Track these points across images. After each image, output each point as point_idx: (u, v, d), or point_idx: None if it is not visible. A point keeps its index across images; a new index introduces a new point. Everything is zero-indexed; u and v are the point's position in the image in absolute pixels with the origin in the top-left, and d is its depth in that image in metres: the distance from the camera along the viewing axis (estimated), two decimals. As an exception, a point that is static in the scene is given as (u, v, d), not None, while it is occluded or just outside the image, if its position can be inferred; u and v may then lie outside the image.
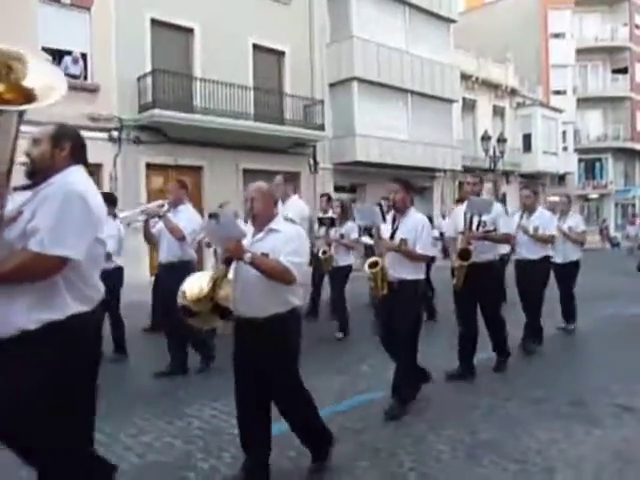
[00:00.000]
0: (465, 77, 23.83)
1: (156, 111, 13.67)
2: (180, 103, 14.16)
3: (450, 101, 22.08)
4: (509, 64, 27.30)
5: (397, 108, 20.02)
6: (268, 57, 17.08)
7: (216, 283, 3.08)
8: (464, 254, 5.28)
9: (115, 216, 6.26)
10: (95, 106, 13.44)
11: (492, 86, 26.07)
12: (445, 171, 22.48)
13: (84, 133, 11.05)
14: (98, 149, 13.36)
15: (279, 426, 3.49)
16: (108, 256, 5.65)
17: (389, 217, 4.72)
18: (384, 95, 19.36)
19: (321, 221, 8.01)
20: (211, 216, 5.83)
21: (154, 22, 14.43)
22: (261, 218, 3.24)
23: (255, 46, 16.52)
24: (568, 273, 7.48)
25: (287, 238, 3.14)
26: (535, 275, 6.53)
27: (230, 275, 3.17)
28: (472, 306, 5.46)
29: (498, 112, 26.88)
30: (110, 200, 5.95)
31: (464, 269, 5.27)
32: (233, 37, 15.69)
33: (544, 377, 5.52)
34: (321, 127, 17.40)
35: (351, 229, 7.68)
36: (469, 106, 24.96)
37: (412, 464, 3.60)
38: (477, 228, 5.38)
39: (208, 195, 15.12)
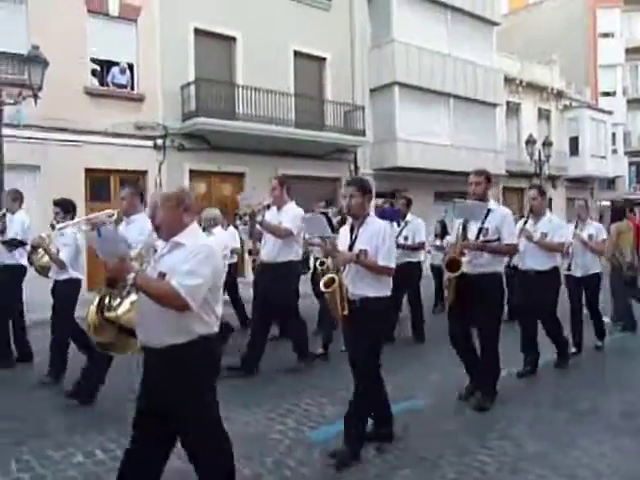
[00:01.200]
0: (509, 80, 23.40)
1: (199, 119, 13.91)
2: (222, 111, 14.36)
3: (493, 105, 21.71)
4: (555, 66, 26.66)
5: (439, 112, 19.82)
6: (309, 63, 17.17)
7: (100, 305, 2.78)
8: (451, 265, 4.64)
9: (53, 227, 5.55)
10: (141, 115, 13.77)
11: (537, 89, 25.50)
12: (488, 176, 22.05)
13: (130, 141, 11.51)
14: (143, 156, 13.73)
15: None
16: (62, 265, 5.49)
17: (347, 226, 4.13)
18: (425, 99, 19.19)
19: None
20: (95, 229, 4.65)
21: (197, 31, 14.70)
22: (164, 229, 2.77)
23: (296, 53, 16.63)
24: (589, 287, 6.71)
25: (187, 255, 2.65)
26: (544, 288, 5.66)
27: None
28: (465, 326, 4.86)
29: (543, 115, 26.27)
30: (66, 207, 5.76)
31: (454, 282, 4.65)
32: (274, 44, 15.84)
33: (591, 388, 5.35)
34: (362, 132, 17.38)
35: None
36: (513, 109, 24.48)
37: (455, 475, 3.54)
38: (477, 236, 4.72)
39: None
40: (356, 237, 3.94)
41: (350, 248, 3.92)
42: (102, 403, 5.08)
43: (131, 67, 13.82)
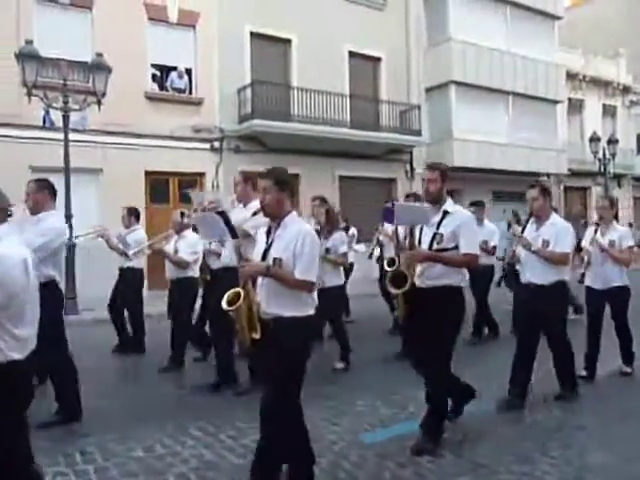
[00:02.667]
0: (571, 76, 22.61)
1: (255, 121, 14.10)
2: (278, 113, 14.50)
3: (554, 102, 21.03)
4: (621, 59, 25.56)
5: (497, 111, 19.36)
6: (364, 64, 17.11)
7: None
8: (396, 279, 3.91)
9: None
10: (198, 118, 14.08)
11: (602, 84, 24.53)
12: (549, 175, 21.41)
13: (188, 144, 11.75)
14: (201, 159, 14.03)
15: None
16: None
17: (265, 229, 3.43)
18: (483, 98, 18.79)
19: None
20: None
21: (253, 35, 14.91)
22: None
23: (351, 53, 16.61)
24: (615, 303, 5.68)
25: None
26: (547, 304, 4.72)
27: None
28: (421, 345, 4.04)
29: (609, 111, 25.23)
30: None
31: (402, 298, 3.93)
32: (329, 45, 15.88)
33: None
34: (418, 132, 17.17)
35: (339, 241, 6.37)
36: (576, 106, 23.63)
37: (514, 484, 3.42)
38: (430, 245, 3.92)
39: (304, 203, 15.34)
40: (271, 242, 3.27)
41: (264, 256, 3.26)
42: (161, 400, 5.21)
43: (189, 72, 14.17)
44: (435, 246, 3.87)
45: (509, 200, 20.09)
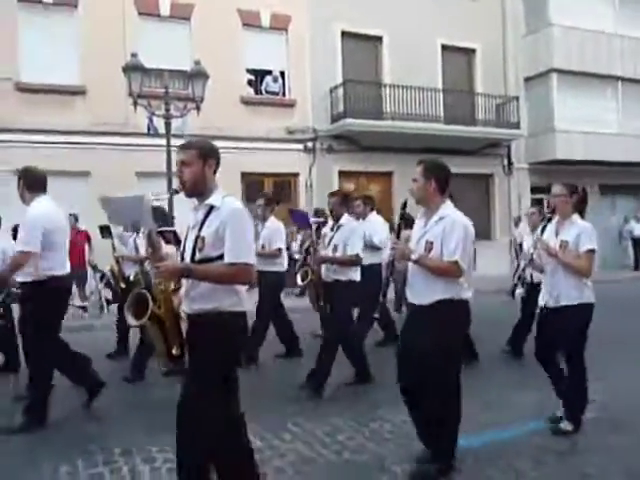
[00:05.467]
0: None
1: (347, 120, 14.12)
2: (370, 111, 14.45)
3: (671, 85, 19.42)
4: None
5: (605, 98, 18.13)
6: (458, 57, 16.66)
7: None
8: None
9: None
10: (292, 119, 14.33)
11: None
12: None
13: (282, 145, 11.94)
14: (295, 159, 14.27)
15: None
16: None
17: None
18: (588, 85, 17.66)
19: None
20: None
21: (344, 34, 14.94)
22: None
23: (444, 47, 16.22)
24: (563, 327, 4.03)
25: None
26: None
27: None
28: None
29: None
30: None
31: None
32: (421, 40, 15.59)
33: None
34: (516, 125, 16.47)
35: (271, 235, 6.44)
36: (694, 89, 21.68)
37: (629, 497, 3.18)
38: (193, 253, 2.91)
39: (398, 201, 15.20)
40: (201, 226, 2.80)
41: (184, 246, 2.89)
42: (260, 396, 5.34)
43: (282, 74, 14.45)
44: (198, 255, 2.78)
45: (617, 193, 18.84)
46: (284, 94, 14.50)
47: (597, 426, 4.21)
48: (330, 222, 5.61)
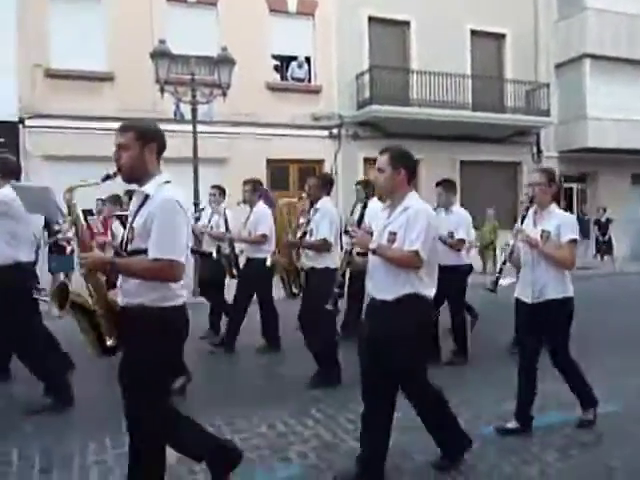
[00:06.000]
0: None
1: (373, 107, 14.01)
2: (397, 97, 14.30)
3: None
4: None
5: (638, 85, 17.61)
6: (487, 42, 16.36)
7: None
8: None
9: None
10: (317, 106, 14.26)
11: None
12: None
13: (307, 132, 11.83)
14: (320, 146, 14.22)
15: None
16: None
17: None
18: (622, 71, 17.16)
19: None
20: None
21: (371, 19, 14.77)
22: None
23: (473, 32, 15.93)
24: (548, 322, 3.86)
25: None
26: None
27: None
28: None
29: None
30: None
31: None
32: (450, 25, 15.32)
33: None
34: (546, 112, 16.14)
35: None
36: None
37: (657, 491, 3.12)
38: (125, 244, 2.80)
39: (424, 189, 15.05)
40: (134, 218, 2.65)
41: (127, 238, 2.67)
42: (282, 381, 5.38)
43: (308, 60, 14.37)
44: (129, 246, 2.63)
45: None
46: (310, 80, 14.43)
47: (622, 418, 4.16)
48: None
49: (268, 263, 5.93)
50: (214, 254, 6.83)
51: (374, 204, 7.19)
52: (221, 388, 5.17)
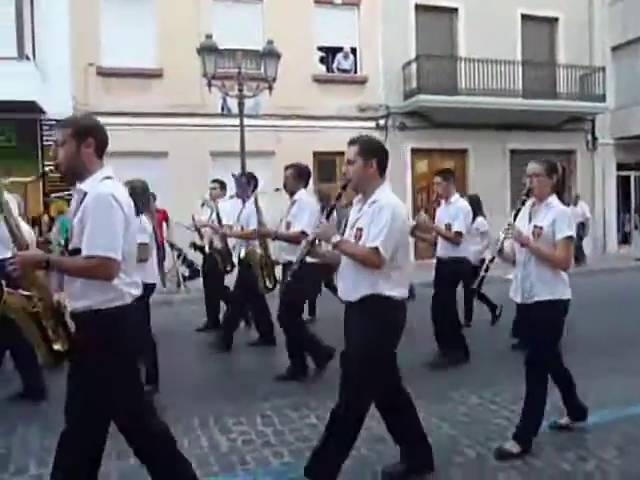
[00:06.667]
0: None
1: (421, 97, 13.80)
2: (444, 86, 14.03)
3: None
4: None
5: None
6: (538, 26, 15.85)
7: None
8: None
9: None
10: (364, 97, 14.16)
11: None
12: None
13: (354, 123, 11.78)
14: (367, 138, 14.10)
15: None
16: None
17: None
18: (683, 53, 16.38)
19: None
20: None
21: (418, 7, 14.53)
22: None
23: (524, 16, 15.45)
24: (537, 327, 3.51)
25: None
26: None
27: None
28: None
29: None
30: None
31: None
32: (500, 10, 14.90)
33: None
34: (601, 98, 15.53)
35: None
36: None
37: None
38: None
39: (473, 179, 14.79)
40: (75, 214, 2.50)
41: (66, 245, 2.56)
42: (330, 373, 5.39)
43: (354, 51, 14.28)
44: (70, 245, 2.51)
45: None
46: (355, 71, 14.34)
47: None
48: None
49: (242, 254, 5.93)
50: (206, 248, 7.05)
51: None
52: (269, 378, 5.17)
